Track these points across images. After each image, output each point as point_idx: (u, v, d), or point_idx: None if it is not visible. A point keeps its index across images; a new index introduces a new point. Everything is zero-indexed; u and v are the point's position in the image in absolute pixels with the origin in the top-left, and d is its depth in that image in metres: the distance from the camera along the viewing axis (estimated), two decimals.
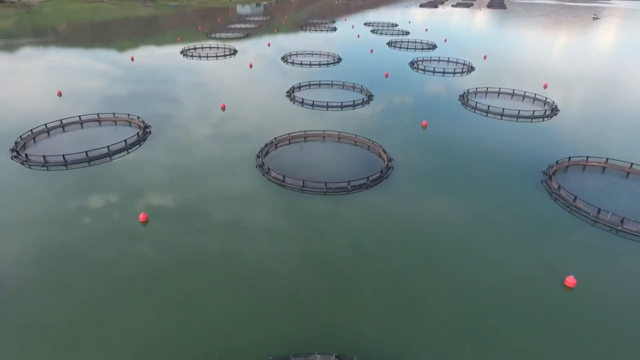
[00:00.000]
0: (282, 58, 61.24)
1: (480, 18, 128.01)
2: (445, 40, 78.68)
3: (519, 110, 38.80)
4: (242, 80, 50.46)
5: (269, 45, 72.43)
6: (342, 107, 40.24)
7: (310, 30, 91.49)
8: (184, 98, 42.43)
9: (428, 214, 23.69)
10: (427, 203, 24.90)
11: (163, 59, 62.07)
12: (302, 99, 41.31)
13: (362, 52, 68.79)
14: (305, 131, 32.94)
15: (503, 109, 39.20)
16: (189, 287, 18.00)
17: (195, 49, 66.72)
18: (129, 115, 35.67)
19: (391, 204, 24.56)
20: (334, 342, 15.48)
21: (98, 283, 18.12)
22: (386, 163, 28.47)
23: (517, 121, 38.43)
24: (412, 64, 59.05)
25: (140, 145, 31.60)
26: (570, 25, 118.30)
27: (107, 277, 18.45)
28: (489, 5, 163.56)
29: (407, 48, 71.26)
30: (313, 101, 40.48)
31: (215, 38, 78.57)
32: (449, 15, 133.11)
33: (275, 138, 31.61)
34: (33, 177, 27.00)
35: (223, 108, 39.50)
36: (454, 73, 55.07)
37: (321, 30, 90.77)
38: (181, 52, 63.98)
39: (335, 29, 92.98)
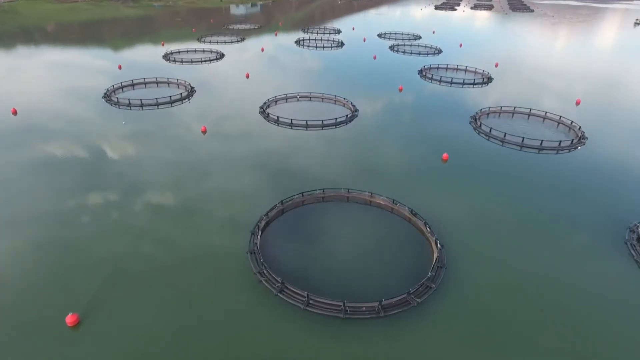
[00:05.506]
0: (262, 108, 36.17)
1: (514, 26, 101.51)
2: (497, 65, 53.47)
3: None
4: (177, 175, 24.89)
5: (247, 76, 46.89)
6: (381, 312, 15.40)
7: (309, 46, 65.66)
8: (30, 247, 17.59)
9: None
10: None
11: (67, 116, 35.23)
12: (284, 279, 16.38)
13: (386, 91, 43.18)
14: None
15: None
16: None
17: (133, 86, 41.60)
18: None
19: None
20: None
21: None
22: None
23: None
24: (475, 120, 34.06)
25: None
26: (628, 34, 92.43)
27: None
28: (513, 8, 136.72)
29: (451, 82, 45.83)
30: (308, 294, 15.67)
31: (175, 61, 53.27)
32: (475, 21, 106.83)
33: None
34: None
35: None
36: (551, 149, 30.01)
37: (323, 47, 64.94)
38: (104, 97, 38.68)
39: (341, 44, 67.19)
